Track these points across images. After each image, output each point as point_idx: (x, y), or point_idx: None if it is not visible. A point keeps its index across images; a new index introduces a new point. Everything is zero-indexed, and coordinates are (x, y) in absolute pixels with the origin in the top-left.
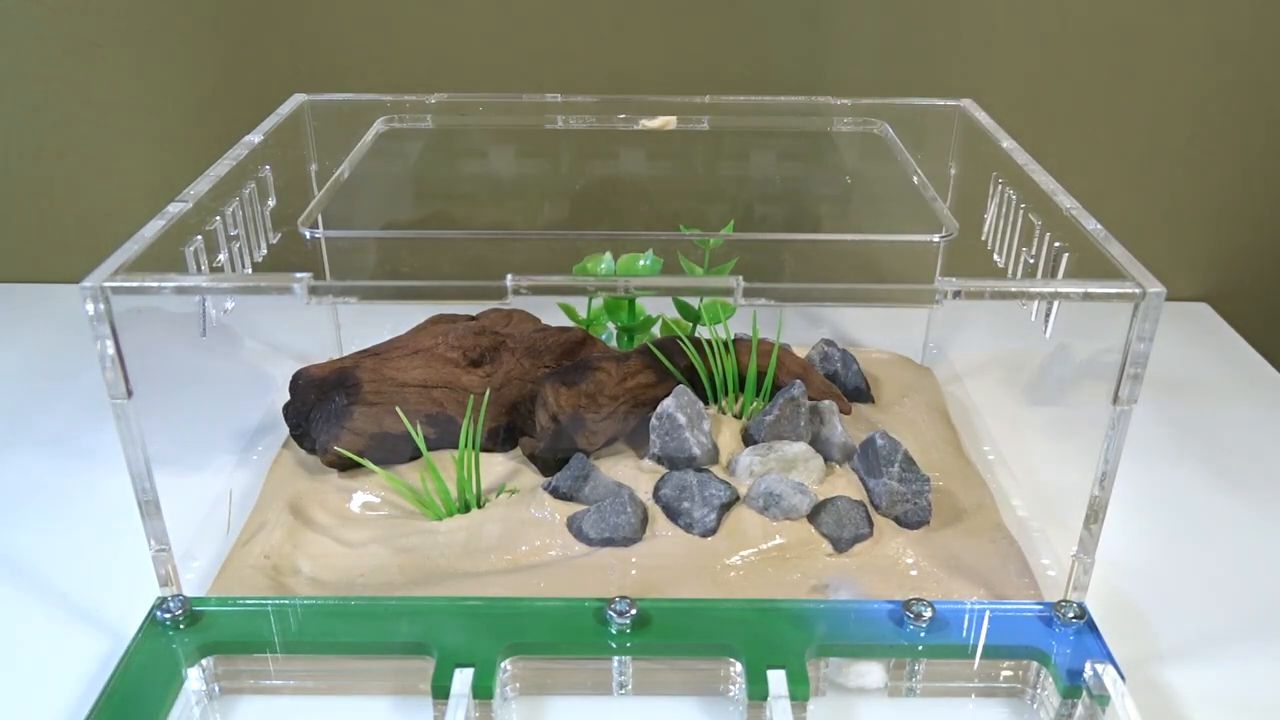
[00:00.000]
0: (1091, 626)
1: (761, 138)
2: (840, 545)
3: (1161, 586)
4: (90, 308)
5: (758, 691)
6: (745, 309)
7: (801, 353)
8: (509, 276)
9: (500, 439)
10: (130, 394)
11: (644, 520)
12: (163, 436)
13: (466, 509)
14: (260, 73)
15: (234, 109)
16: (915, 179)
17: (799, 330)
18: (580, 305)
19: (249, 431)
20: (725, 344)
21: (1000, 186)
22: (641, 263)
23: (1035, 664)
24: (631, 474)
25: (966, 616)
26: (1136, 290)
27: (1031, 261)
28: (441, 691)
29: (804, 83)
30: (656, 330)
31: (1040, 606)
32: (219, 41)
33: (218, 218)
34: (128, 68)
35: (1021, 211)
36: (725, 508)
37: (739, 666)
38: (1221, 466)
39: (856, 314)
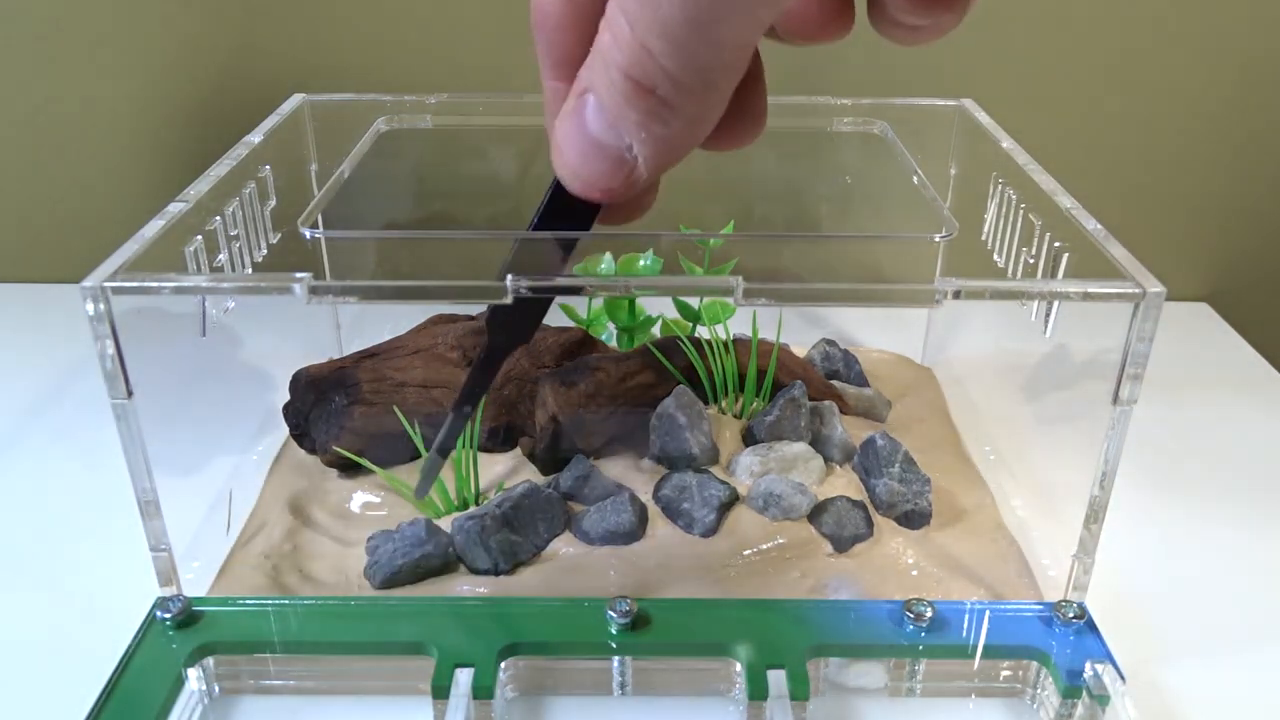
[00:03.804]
0: (1091, 626)
1: (761, 137)
2: (840, 545)
3: (1161, 586)
4: (90, 308)
5: (758, 691)
6: (745, 309)
7: (801, 353)
8: (509, 276)
9: (500, 439)
10: (130, 394)
11: (644, 520)
12: (163, 436)
13: (465, 508)
14: (260, 73)
15: (234, 109)
16: (915, 179)
17: (799, 330)
18: (580, 305)
19: (249, 431)
20: (725, 344)
21: (1000, 186)
22: (641, 263)
23: (1035, 664)
24: (631, 474)
25: (966, 616)
26: (1136, 290)
27: (1031, 261)
28: (441, 691)
29: (804, 83)
30: (656, 330)
31: (1040, 606)
32: (219, 41)
33: (218, 218)
34: (128, 68)
35: (1021, 211)
36: (725, 507)
37: (739, 666)
38: (1221, 466)
39: (856, 314)
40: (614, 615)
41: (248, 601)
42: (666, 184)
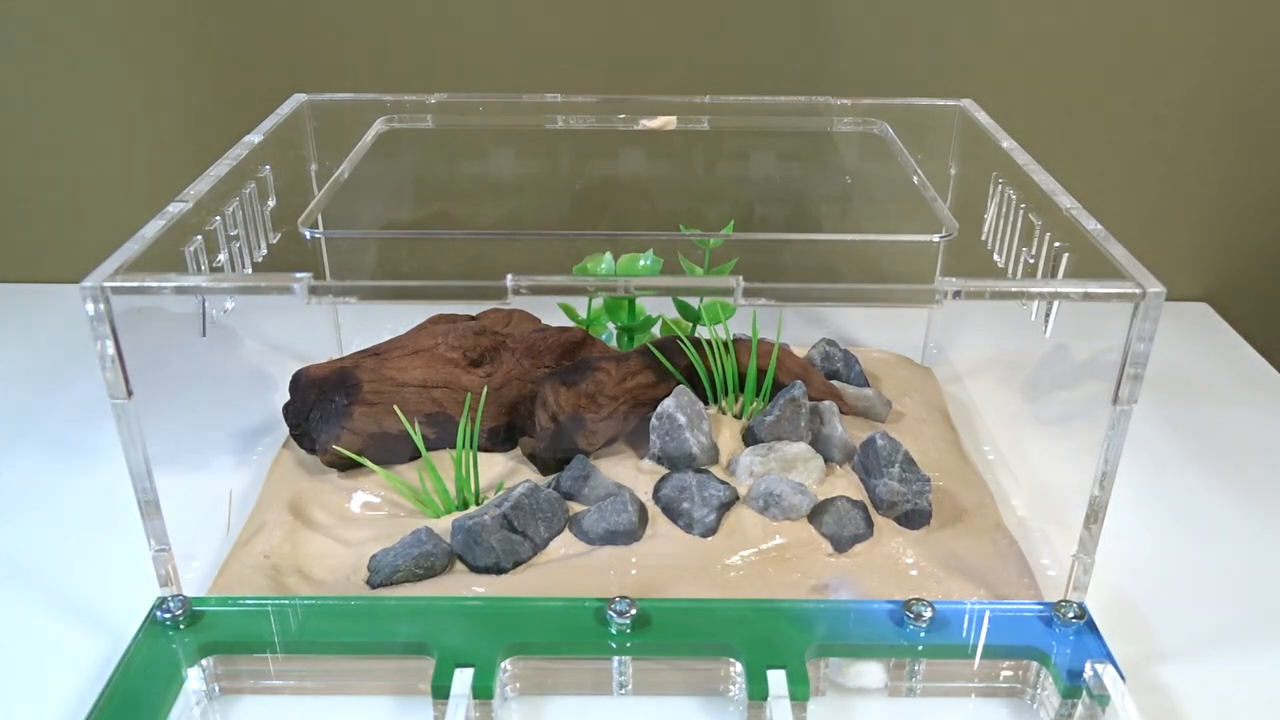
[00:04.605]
0: (1091, 626)
1: (761, 138)
2: (840, 545)
3: (1161, 586)
4: (90, 308)
5: (758, 691)
6: (745, 309)
7: (801, 353)
8: (509, 276)
9: (500, 439)
10: (130, 394)
11: (644, 520)
12: (163, 436)
13: (465, 508)
14: (260, 73)
15: (234, 109)
16: (915, 179)
17: (799, 330)
18: (580, 305)
19: (249, 431)
20: (725, 344)
21: (1000, 186)
22: (641, 263)
23: (1035, 664)
24: (631, 474)
25: (966, 616)
26: (1136, 290)
27: (1031, 261)
28: (441, 691)
29: (804, 83)
30: (656, 330)
31: (1040, 606)
32: (219, 41)
33: (218, 218)
34: (128, 68)
35: (1021, 211)
36: (725, 507)
37: (739, 666)
38: (1221, 466)
39: (856, 314)
40: (614, 615)
41: (248, 601)
42: (666, 184)
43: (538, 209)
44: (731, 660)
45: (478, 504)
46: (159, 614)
